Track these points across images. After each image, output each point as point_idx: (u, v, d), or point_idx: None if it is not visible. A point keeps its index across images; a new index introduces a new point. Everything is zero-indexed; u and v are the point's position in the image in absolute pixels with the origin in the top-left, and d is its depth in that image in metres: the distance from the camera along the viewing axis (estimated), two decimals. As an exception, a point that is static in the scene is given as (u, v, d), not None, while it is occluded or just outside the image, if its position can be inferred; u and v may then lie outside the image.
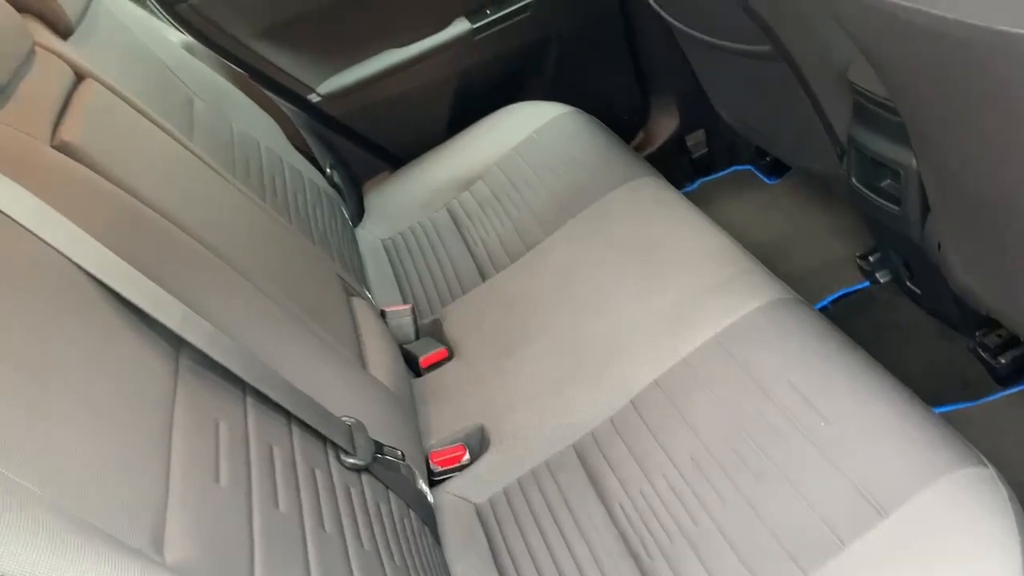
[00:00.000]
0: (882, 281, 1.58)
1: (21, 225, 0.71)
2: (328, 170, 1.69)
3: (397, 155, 1.89)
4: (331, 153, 1.81)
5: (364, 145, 1.88)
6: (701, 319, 1.09)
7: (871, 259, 1.58)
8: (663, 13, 1.58)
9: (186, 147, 1.12)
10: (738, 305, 1.08)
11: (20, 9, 1.07)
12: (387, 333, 1.27)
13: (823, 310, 1.61)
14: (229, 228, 1.03)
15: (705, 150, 2.04)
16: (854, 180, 1.27)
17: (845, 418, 0.90)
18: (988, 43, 0.65)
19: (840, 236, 1.74)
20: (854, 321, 1.56)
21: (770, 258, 1.26)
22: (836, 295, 1.64)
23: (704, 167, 2.06)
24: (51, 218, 0.74)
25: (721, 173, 2.06)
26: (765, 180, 1.98)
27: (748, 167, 2.04)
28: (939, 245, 1.09)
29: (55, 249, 0.72)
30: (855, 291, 1.64)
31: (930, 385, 1.32)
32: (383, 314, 1.35)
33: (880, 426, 0.88)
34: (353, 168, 1.87)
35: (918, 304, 1.50)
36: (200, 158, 1.13)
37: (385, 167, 1.91)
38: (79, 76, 1.04)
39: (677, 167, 2.01)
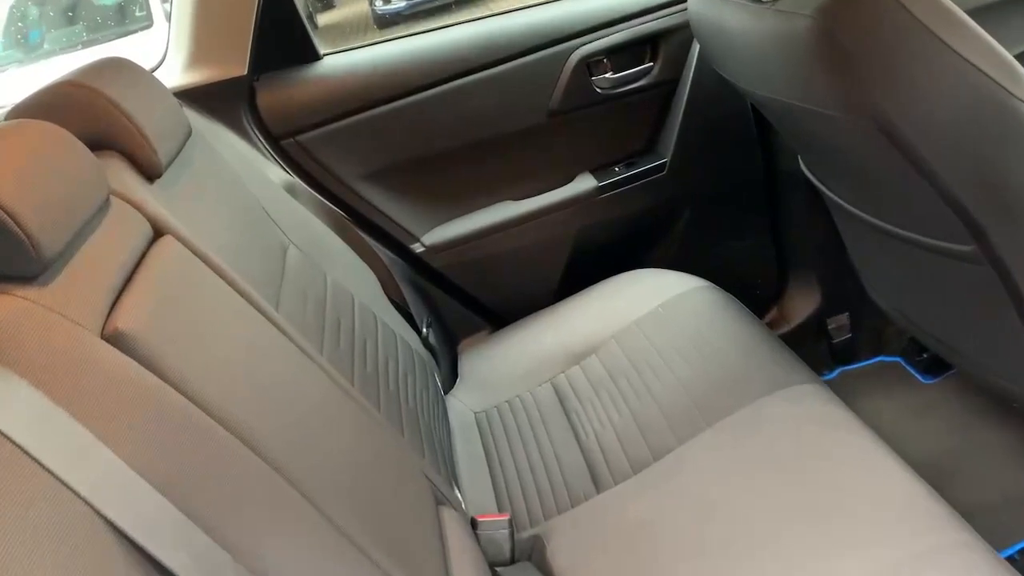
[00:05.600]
0: (1092, 535, 1.27)
1: (40, 464, 0.52)
2: (424, 329, 1.50)
3: (499, 314, 1.70)
4: (428, 307, 1.63)
5: (464, 301, 1.69)
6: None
7: (1077, 504, 1.29)
8: (822, 187, 1.37)
9: (268, 317, 0.93)
10: (955, 595, 0.81)
11: (102, 147, 0.93)
12: (478, 555, 1.03)
13: (1010, 560, 1.30)
14: (304, 433, 0.82)
15: (848, 335, 1.78)
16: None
17: None
18: None
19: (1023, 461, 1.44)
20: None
21: (930, 482, 0.99)
22: (1026, 543, 1.33)
23: (845, 355, 1.80)
24: (80, 448, 0.55)
25: (864, 363, 1.79)
26: (919, 378, 1.71)
27: (897, 359, 1.77)
28: None
29: (79, 496, 0.53)
30: (1052, 540, 1.33)
31: None
32: (473, 523, 1.12)
33: None
34: (450, 325, 1.68)
35: None
36: (284, 331, 0.94)
37: (485, 326, 1.72)
38: (157, 232, 0.87)
39: (814, 351, 1.76)
